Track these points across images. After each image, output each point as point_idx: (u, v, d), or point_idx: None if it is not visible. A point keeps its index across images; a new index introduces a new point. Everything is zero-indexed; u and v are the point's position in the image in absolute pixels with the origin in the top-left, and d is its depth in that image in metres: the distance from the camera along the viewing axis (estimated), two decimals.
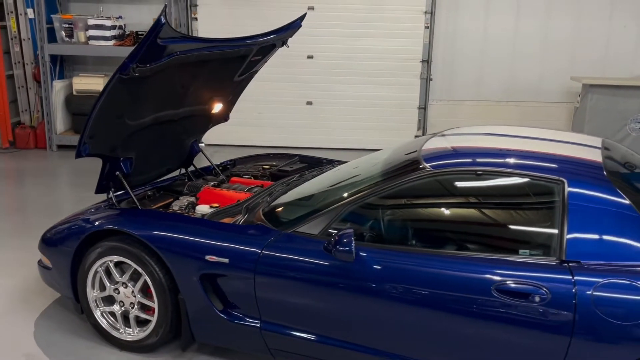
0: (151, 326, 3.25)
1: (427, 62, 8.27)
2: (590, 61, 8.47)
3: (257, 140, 8.42)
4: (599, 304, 2.30)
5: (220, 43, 3.74)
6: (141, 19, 8.26)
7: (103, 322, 3.38)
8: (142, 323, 3.33)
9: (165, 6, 3.14)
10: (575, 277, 2.36)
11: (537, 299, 2.38)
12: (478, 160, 2.82)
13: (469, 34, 8.39)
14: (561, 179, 2.57)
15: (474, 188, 2.80)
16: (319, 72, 8.36)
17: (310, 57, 8.31)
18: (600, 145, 3.02)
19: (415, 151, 3.03)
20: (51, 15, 7.74)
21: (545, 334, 2.38)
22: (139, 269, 3.18)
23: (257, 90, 8.35)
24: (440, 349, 2.62)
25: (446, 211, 2.91)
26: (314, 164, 4.57)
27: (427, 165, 2.81)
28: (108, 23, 7.66)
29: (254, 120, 8.55)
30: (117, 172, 3.69)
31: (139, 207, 3.61)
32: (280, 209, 3.20)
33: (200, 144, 4.44)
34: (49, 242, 3.51)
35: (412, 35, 8.19)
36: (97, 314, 3.39)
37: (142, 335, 3.28)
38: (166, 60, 3.25)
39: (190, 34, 8.29)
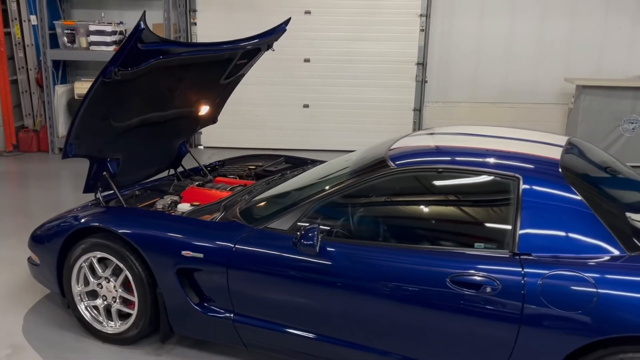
0: (132, 319, 3.38)
1: (422, 64, 8.37)
2: (585, 62, 8.53)
3: (255, 143, 8.56)
4: (545, 294, 2.39)
5: (203, 47, 3.87)
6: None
7: (87, 316, 3.52)
8: (124, 316, 3.47)
9: (145, 12, 3.27)
10: (524, 269, 2.46)
11: (488, 289, 2.48)
12: (440, 158, 2.93)
13: (465, 36, 8.48)
14: (517, 175, 2.67)
15: (435, 185, 2.91)
16: (316, 75, 8.49)
17: (307, 60, 8.44)
18: (563, 144, 3.11)
19: (384, 150, 3.14)
20: (53, 22, 7.94)
21: (496, 322, 2.47)
22: (120, 265, 3.32)
23: (255, 93, 8.57)
24: (400, 338, 2.72)
25: (408, 207, 3.02)
26: (298, 164, 4.69)
27: (393, 163, 2.92)
28: (109, 29, 7.85)
29: (253, 123, 8.70)
30: (104, 172, 3.83)
31: (125, 205, 3.75)
32: (254, 206, 3.33)
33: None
34: (37, 239, 3.66)
35: (408, 38, 8.30)
36: (82, 307, 3.53)
37: (124, 328, 3.42)
38: (148, 64, 3.38)
39: (189, 39, 8.47)
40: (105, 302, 3.48)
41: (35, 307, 3.90)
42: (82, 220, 3.47)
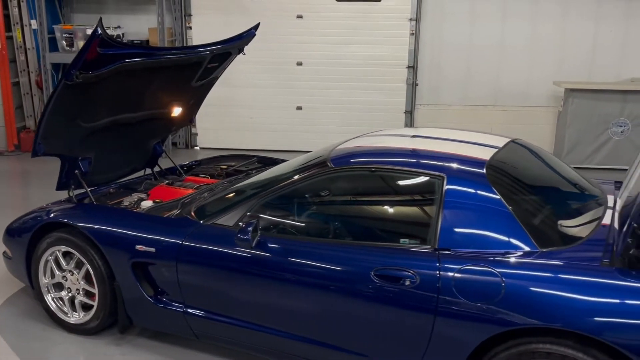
0: (93, 311, 3.56)
1: (412, 67, 8.48)
2: (576, 65, 8.56)
3: (250, 144, 8.72)
4: (458, 287, 2.51)
5: (168, 52, 4.05)
6: (139, 29, 8.67)
7: (53, 306, 3.71)
8: (87, 308, 3.65)
9: (101, 18, 3.45)
10: (441, 264, 2.58)
11: (407, 282, 2.61)
12: (374, 159, 3.06)
13: (455, 39, 8.56)
14: (442, 174, 2.80)
15: (367, 184, 3.05)
16: (308, 78, 8.64)
17: (299, 63, 8.59)
18: (500, 145, 3.22)
19: (328, 151, 3.28)
20: (53, 26, 8.20)
21: (414, 313, 2.60)
22: (82, 258, 3.51)
23: (249, 96, 8.76)
24: (331, 328, 2.85)
25: (342, 205, 3.16)
26: (270, 165, 4.84)
27: (331, 163, 3.06)
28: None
29: (247, 125, 8.88)
30: (76, 171, 4.03)
31: (94, 202, 3.93)
32: (208, 203, 3.49)
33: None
34: (10, 233, 3.86)
35: (398, 42, 8.40)
36: (48, 298, 3.72)
37: (86, 318, 3.60)
38: (110, 68, 3.56)
39: (184, 42, 8.68)
40: (69, 294, 3.67)
41: (11, 299, 4.10)
42: (49, 215, 3.66)
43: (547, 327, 2.35)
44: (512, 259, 2.52)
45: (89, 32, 8.05)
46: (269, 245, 2.95)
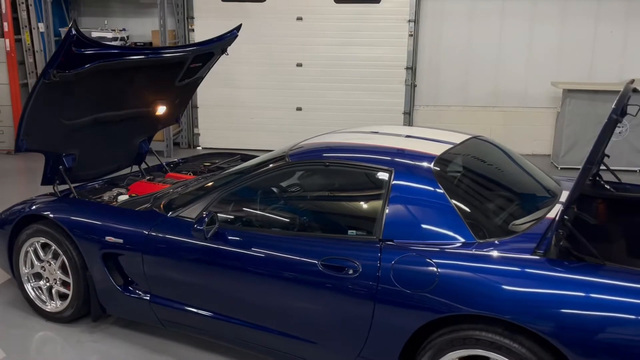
0: (68, 300, 3.71)
1: (411, 69, 8.54)
2: (576, 67, 8.54)
3: (250, 144, 8.86)
4: (396, 276, 2.59)
5: (146, 52, 4.19)
6: (144, 31, 8.89)
7: (32, 295, 3.87)
8: (64, 297, 3.80)
9: (75, 19, 3.61)
10: (382, 254, 2.66)
11: (350, 271, 2.70)
12: (330, 154, 3.15)
13: (454, 40, 8.61)
14: (390, 168, 2.88)
15: (321, 178, 3.16)
16: (308, 79, 8.76)
17: (299, 65, 8.72)
18: (457, 141, 3.29)
19: (289, 147, 3.38)
20: (59, 29, 8.46)
21: (356, 300, 2.68)
22: (58, 249, 3.66)
23: (250, 97, 8.91)
24: (281, 317, 2.95)
25: (297, 198, 3.26)
26: None
27: (289, 158, 3.17)
28: (110, 35, 8.30)
29: (248, 125, 9.02)
30: (60, 167, 4.19)
31: (76, 197, 4.09)
32: (176, 197, 3.61)
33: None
34: None
35: (397, 44, 8.48)
36: (28, 287, 3.88)
37: (62, 307, 3.76)
38: (86, 67, 3.71)
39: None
40: (47, 284, 3.83)
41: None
42: (30, 208, 3.82)
43: (476, 314, 2.42)
44: (448, 250, 2.59)
45: (94, 34, 8.29)
46: (225, 236, 3.07)
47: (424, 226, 2.72)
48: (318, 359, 2.92)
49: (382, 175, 2.89)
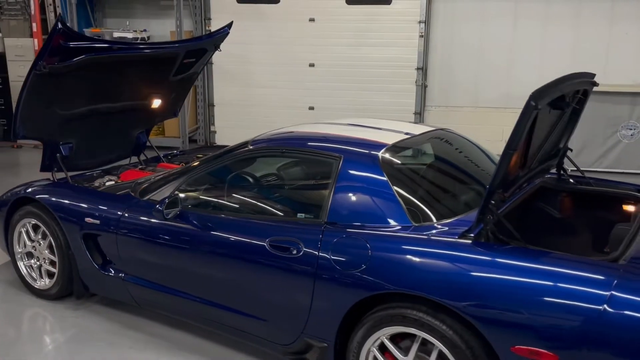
0: (55, 278, 3.96)
1: (422, 69, 8.60)
2: (590, 68, 8.34)
3: None
4: (334, 256, 2.72)
5: (136, 46, 4.42)
6: (164, 32, 9.21)
7: (24, 273, 4.14)
8: (52, 275, 4.05)
9: (60, 14, 3.87)
10: (323, 235, 2.80)
11: (294, 252, 2.84)
12: (286, 142, 3.30)
13: (466, 41, 8.62)
14: (340, 155, 3.01)
15: (277, 164, 3.30)
16: (320, 79, 8.92)
17: (311, 65, 8.89)
18: (417, 133, 3.40)
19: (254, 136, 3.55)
20: (83, 30, 8.84)
21: (299, 278, 2.81)
22: (46, 230, 3.92)
23: (264, 96, 9.13)
24: (235, 296, 3.11)
25: (254, 182, 3.42)
26: None
27: (250, 145, 3.34)
28: (130, 35, 8.65)
29: (262, 124, 9.16)
30: (58, 155, 4.46)
31: (70, 182, 4.34)
32: (152, 182, 3.81)
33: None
34: None
35: (407, 44, 8.55)
36: (21, 265, 4.15)
37: (50, 285, 4.01)
38: (76, 60, 3.96)
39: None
40: (37, 262, 4.09)
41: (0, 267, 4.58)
42: (25, 191, 4.09)
43: (403, 292, 2.52)
44: (383, 232, 2.70)
45: (115, 34, 8.65)
46: (186, 218, 3.25)
47: (365, 210, 2.84)
48: (269, 336, 3.06)
49: (332, 162, 3.02)
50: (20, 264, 4.16)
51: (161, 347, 3.48)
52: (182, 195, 3.33)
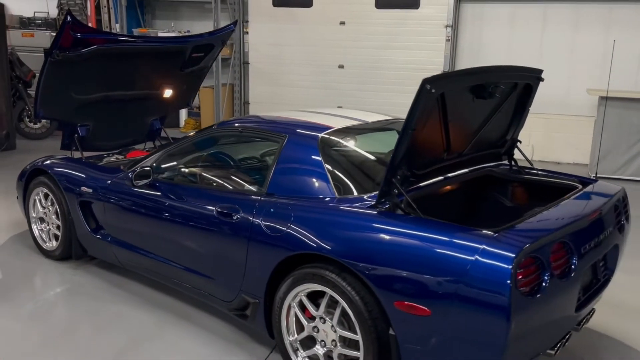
0: (59, 240, 4.50)
1: None
2: (622, 75, 8.32)
3: None
4: (264, 221, 3.06)
5: (142, 40, 4.91)
6: None
7: (37, 235, 4.71)
8: (58, 238, 4.58)
9: (69, 9, 4.39)
10: (259, 204, 3.14)
11: (235, 217, 3.20)
12: (246, 123, 3.67)
13: (494, 45, 8.73)
14: (285, 135, 3.35)
15: (234, 142, 3.70)
16: (349, 80, 9.26)
17: (341, 66, 9.25)
18: (370, 120, 3.69)
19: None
20: (132, 30, 9.58)
21: (237, 241, 3.16)
22: (53, 197, 4.46)
23: (295, 95, 9.58)
24: (190, 256, 3.50)
25: (213, 157, 3.80)
26: None
27: (215, 126, 3.75)
28: (173, 35, 9.30)
29: None
30: (75, 135, 5.03)
31: (83, 159, 4.88)
32: (142, 158, 4.26)
33: None
34: (18, 178, 4.93)
35: (434, 48, 8.77)
36: (35, 229, 4.72)
37: (55, 246, 4.55)
38: (86, 50, 4.49)
39: (242, 46, 9.66)
40: (47, 227, 4.64)
41: (23, 233, 5.17)
42: (42, 163, 4.65)
43: (317, 254, 2.82)
44: (306, 202, 3.02)
45: (160, 35, 9.32)
46: (153, 187, 3.69)
47: (299, 184, 3.16)
48: (216, 293, 3.43)
49: (278, 141, 3.36)
50: (34, 227, 4.73)
51: (135, 302, 3.92)
52: (149, 167, 3.74)
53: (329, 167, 3.14)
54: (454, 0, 8.58)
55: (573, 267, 2.63)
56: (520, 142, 3.80)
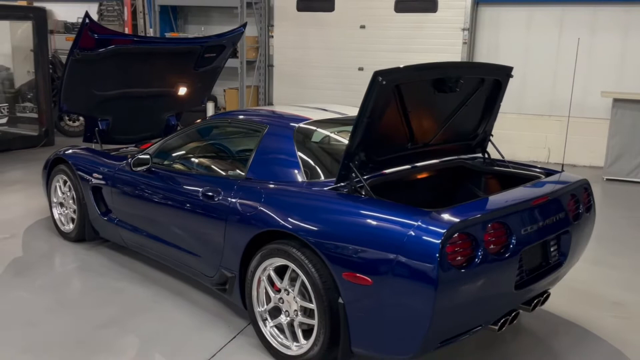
0: (74, 223, 4.94)
1: None
2: (638, 77, 8.33)
3: None
4: (239, 202, 3.37)
5: (155, 41, 5.32)
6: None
7: (57, 218, 5.16)
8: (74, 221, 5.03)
9: (87, 11, 4.83)
10: (237, 187, 3.46)
11: (216, 199, 3.53)
12: (235, 115, 4.01)
13: (511, 48, 8.84)
14: (266, 125, 3.67)
15: (223, 132, 4.05)
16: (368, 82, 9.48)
17: (360, 69, 9.51)
18: (349, 114, 3.97)
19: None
20: (165, 34, 10.10)
21: (217, 221, 3.49)
22: (70, 184, 4.90)
23: (316, 96, 9.89)
24: (180, 236, 3.85)
25: (204, 146, 4.15)
26: None
27: (208, 118, 4.10)
28: (185, 37, 9.77)
29: None
30: (96, 128, 5.48)
31: (101, 148, 5.32)
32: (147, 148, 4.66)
33: None
34: (43, 166, 5.41)
35: (451, 51, 8.93)
36: (55, 212, 5.18)
37: (71, 228, 4.99)
38: (104, 50, 4.92)
39: (267, 49, 10.04)
40: (66, 211, 5.09)
41: (48, 218, 5.65)
42: (64, 152, 5.11)
43: (281, 231, 3.12)
44: (277, 185, 3.32)
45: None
46: (150, 172, 4.06)
47: (273, 169, 3.46)
48: (202, 269, 3.76)
49: (260, 131, 3.68)
50: (55, 211, 5.19)
51: (136, 279, 4.30)
52: (148, 155, 4.10)
53: (301, 155, 3.43)
54: (472, 3, 8.74)
55: (511, 246, 2.84)
56: (492, 135, 4.00)
